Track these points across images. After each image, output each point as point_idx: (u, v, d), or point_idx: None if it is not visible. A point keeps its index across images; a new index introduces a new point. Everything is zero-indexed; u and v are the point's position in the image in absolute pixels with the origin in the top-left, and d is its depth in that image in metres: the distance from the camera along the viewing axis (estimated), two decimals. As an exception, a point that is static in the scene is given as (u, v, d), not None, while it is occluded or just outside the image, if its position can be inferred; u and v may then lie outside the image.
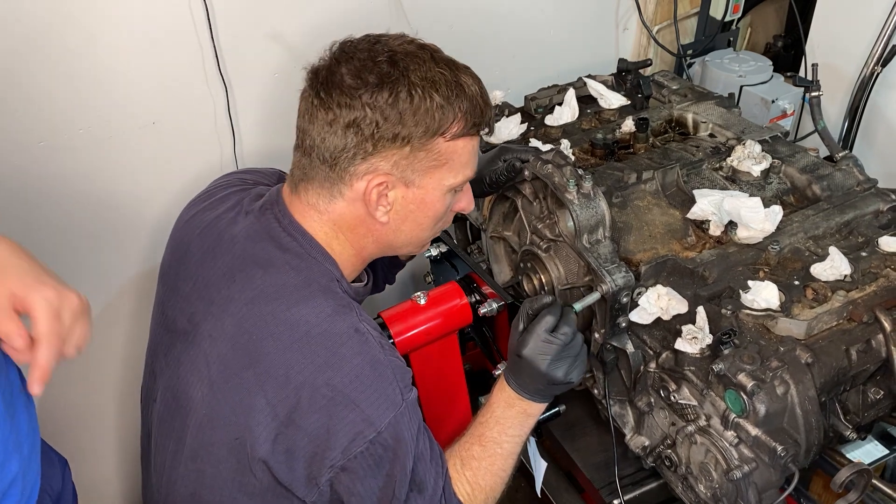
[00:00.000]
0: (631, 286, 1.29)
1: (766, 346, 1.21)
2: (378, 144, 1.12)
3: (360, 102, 1.11)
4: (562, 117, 1.76)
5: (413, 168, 1.16)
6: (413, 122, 1.11)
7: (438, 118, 1.13)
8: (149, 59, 1.60)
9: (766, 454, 1.16)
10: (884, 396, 1.29)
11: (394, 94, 1.10)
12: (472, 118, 1.17)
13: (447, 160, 1.17)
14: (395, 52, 1.14)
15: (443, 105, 1.13)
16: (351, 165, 1.14)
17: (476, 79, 1.19)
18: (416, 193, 1.19)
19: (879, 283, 1.29)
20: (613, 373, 1.40)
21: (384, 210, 1.19)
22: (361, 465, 1.11)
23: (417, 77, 1.12)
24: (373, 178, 1.15)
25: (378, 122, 1.11)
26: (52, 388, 1.82)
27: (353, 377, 1.11)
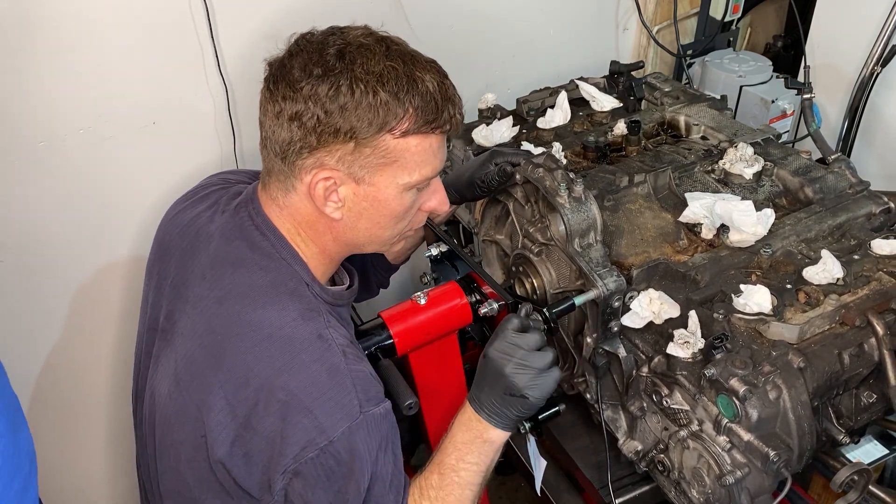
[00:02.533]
0: (623, 290, 1.28)
1: (759, 351, 1.20)
2: (321, 139, 1.10)
3: (302, 95, 1.08)
4: (554, 120, 1.76)
5: (360, 164, 1.12)
6: (355, 116, 1.08)
7: (383, 114, 1.09)
8: (149, 59, 1.60)
9: (758, 459, 1.16)
10: (876, 400, 1.29)
11: (335, 87, 1.07)
12: (425, 115, 1.12)
13: (397, 158, 1.13)
14: (347, 44, 1.11)
15: (388, 101, 1.09)
16: (298, 159, 1.12)
17: (438, 74, 1.16)
18: (368, 191, 1.15)
19: (872, 287, 1.28)
20: (606, 377, 1.39)
21: (335, 206, 1.16)
22: (312, 472, 1.08)
23: (363, 70, 1.08)
24: (318, 172, 1.12)
25: (319, 116, 1.08)
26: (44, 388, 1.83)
27: (309, 383, 1.09)
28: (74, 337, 1.83)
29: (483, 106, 1.82)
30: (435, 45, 1.91)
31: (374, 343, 1.34)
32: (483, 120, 1.79)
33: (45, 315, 1.77)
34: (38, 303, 1.74)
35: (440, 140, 1.17)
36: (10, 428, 0.92)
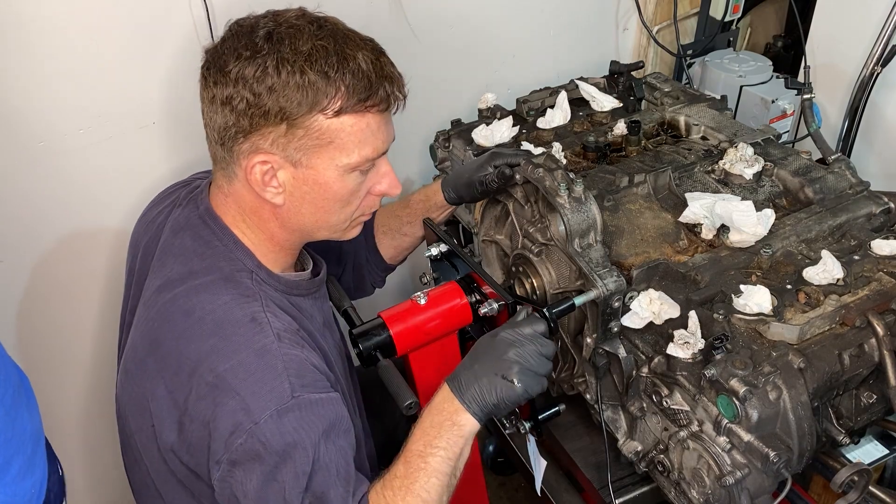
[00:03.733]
0: (622, 290, 1.28)
1: (759, 351, 1.20)
2: (253, 122, 1.09)
3: (231, 78, 1.08)
4: (553, 120, 1.76)
5: (295, 147, 1.11)
6: (283, 97, 1.07)
7: (312, 94, 1.08)
8: (149, 59, 1.60)
9: (758, 460, 1.16)
10: (877, 400, 1.29)
11: (261, 69, 1.07)
12: (358, 94, 1.10)
13: (332, 139, 1.12)
14: (278, 26, 1.10)
15: (317, 80, 1.07)
16: (235, 144, 1.12)
17: (373, 52, 1.14)
18: (307, 174, 1.14)
19: (872, 287, 1.28)
20: (606, 377, 1.39)
21: (275, 191, 1.15)
22: (244, 459, 1.05)
23: (290, 50, 1.08)
24: (254, 156, 1.12)
25: (248, 99, 1.08)
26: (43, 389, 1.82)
27: (237, 364, 1.08)
28: (74, 337, 1.83)
29: (483, 106, 1.81)
30: (435, 45, 1.92)
31: (374, 343, 1.34)
32: (483, 120, 1.79)
33: (45, 315, 1.77)
34: (37, 303, 1.74)
35: (379, 119, 1.15)
36: (6, 409, 0.92)
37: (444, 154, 1.81)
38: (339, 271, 1.65)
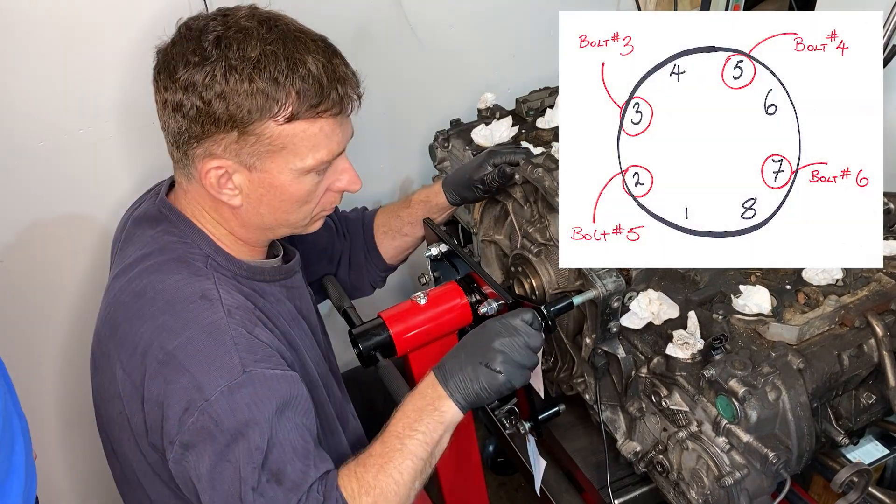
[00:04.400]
0: (622, 291, 1.28)
1: (758, 352, 1.20)
2: (205, 128, 1.09)
3: (180, 85, 1.08)
4: (553, 120, 1.75)
5: (248, 152, 1.11)
6: (233, 105, 1.06)
7: (261, 101, 1.07)
8: (149, 59, 1.58)
9: (757, 460, 1.15)
10: (876, 401, 1.28)
11: (210, 76, 1.06)
12: (309, 99, 1.09)
13: (284, 145, 1.11)
14: (227, 28, 1.09)
15: (266, 87, 1.07)
16: (190, 148, 1.12)
17: (325, 54, 1.13)
18: (262, 177, 1.14)
19: (871, 288, 1.28)
20: (605, 378, 1.39)
21: (231, 193, 1.15)
22: (195, 438, 1.04)
23: (237, 57, 1.06)
24: (208, 161, 1.12)
25: (198, 106, 1.07)
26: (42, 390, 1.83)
27: (186, 340, 1.07)
28: (73, 338, 1.84)
29: (482, 106, 1.81)
30: (435, 45, 1.92)
31: (374, 343, 1.34)
32: (482, 120, 1.79)
33: (44, 315, 1.78)
34: (37, 302, 1.75)
35: (333, 122, 1.14)
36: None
37: (443, 154, 1.80)
38: (334, 269, 1.65)
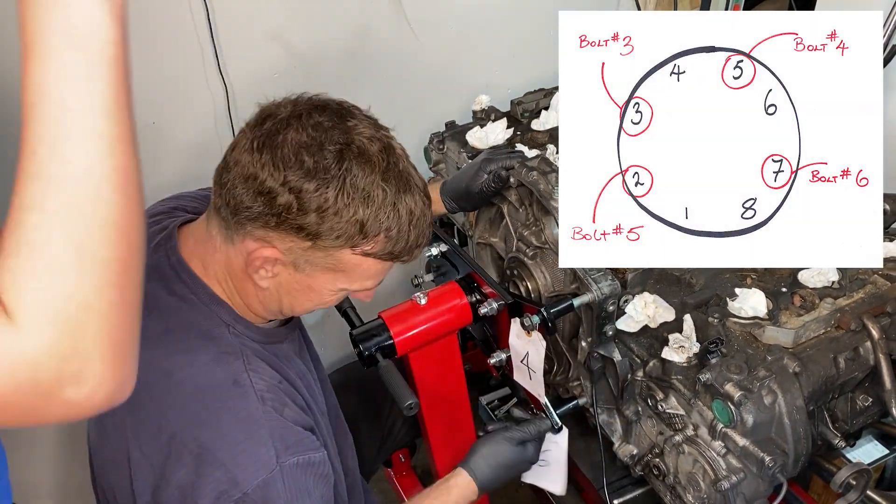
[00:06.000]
0: (617, 294, 1.27)
1: (754, 355, 1.20)
2: (282, 226, 1.04)
3: (284, 179, 1.02)
4: (548, 122, 1.74)
5: (307, 260, 1.08)
6: (327, 225, 1.03)
7: (353, 232, 1.05)
8: (149, 59, 1.60)
9: (753, 464, 1.15)
10: (872, 403, 1.28)
11: (321, 190, 1.02)
12: (391, 247, 1.09)
13: (346, 269, 1.10)
14: (351, 144, 1.05)
15: (364, 221, 1.04)
16: (249, 224, 1.06)
17: (422, 204, 1.11)
18: (304, 280, 1.11)
19: (867, 290, 1.28)
20: (601, 381, 1.39)
21: (265, 275, 1.11)
22: None
23: (355, 183, 1.03)
24: (263, 249, 1.07)
25: (291, 208, 1.02)
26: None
27: (222, 434, 1.06)
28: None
29: (477, 108, 1.81)
30: (435, 45, 1.92)
31: (375, 343, 1.34)
32: (477, 122, 1.78)
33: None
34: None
35: (384, 266, 1.14)
36: None
37: (438, 157, 1.80)
38: None
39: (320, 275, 1.10)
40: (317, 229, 1.04)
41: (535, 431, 1.38)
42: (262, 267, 1.09)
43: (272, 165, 1.02)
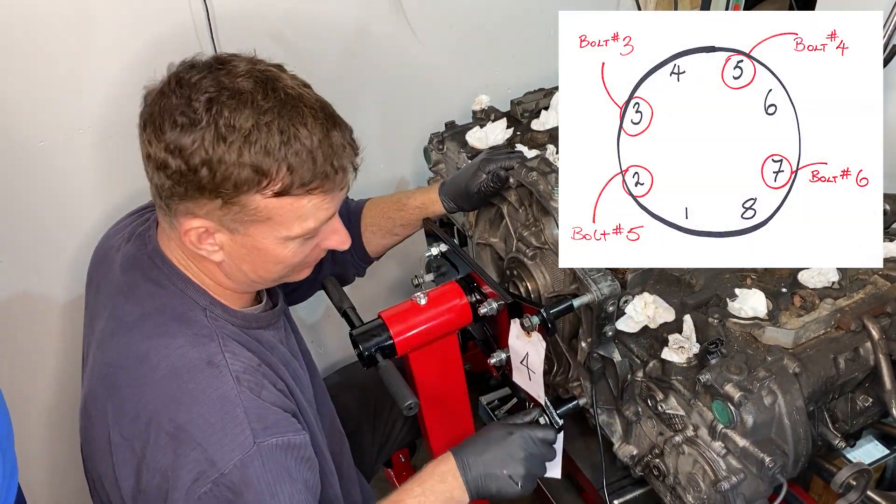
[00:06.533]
0: (617, 295, 1.27)
1: (754, 356, 1.20)
2: (187, 191, 1.03)
3: (165, 144, 1.01)
4: (548, 122, 1.74)
5: (231, 219, 1.06)
6: (220, 175, 1.01)
7: (248, 175, 1.01)
8: (149, 59, 1.59)
9: (753, 465, 1.15)
10: (872, 404, 1.28)
11: (198, 143, 1.00)
12: (300, 177, 1.03)
13: (270, 216, 1.06)
14: (221, 90, 1.02)
15: (255, 161, 1.00)
16: (171, 203, 1.07)
17: (326, 125, 1.06)
18: (245, 240, 1.09)
19: (867, 290, 1.28)
20: (601, 381, 1.39)
21: (212, 249, 1.10)
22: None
23: (228, 125, 1.00)
24: (190, 220, 1.07)
25: (182, 169, 1.01)
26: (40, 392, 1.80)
27: (197, 415, 1.05)
28: (73, 338, 1.82)
29: (477, 108, 1.81)
30: (435, 45, 1.92)
31: (375, 343, 1.33)
32: (477, 122, 1.78)
33: (44, 315, 1.76)
34: (36, 302, 1.73)
35: (323, 196, 1.09)
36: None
37: (438, 157, 1.80)
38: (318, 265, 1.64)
39: (255, 230, 1.08)
40: (214, 183, 1.01)
41: (530, 423, 1.35)
42: (202, 242, 1.10)
43: (155, 137, 1.03)
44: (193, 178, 1.02)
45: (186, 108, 1.01)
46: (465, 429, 1.54)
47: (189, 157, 1.01)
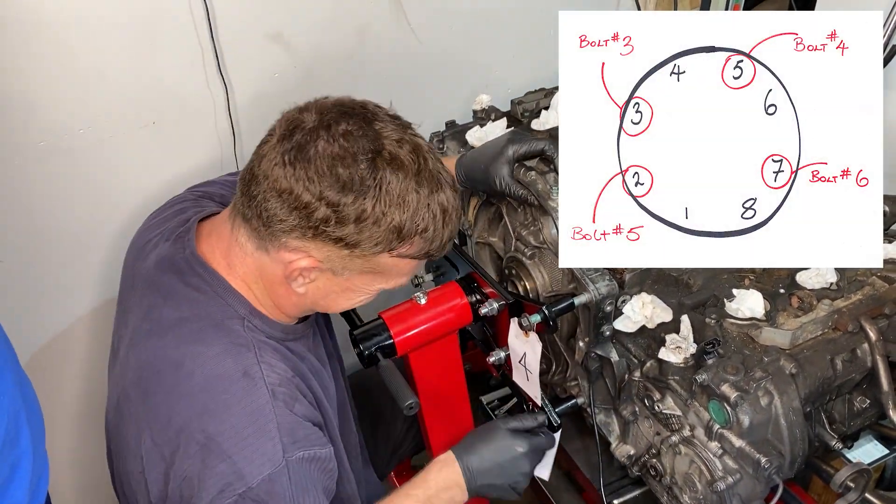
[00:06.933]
0: (614, 295, 1.27)
1: (751, 357, 1.20)
2: (320, 237, 1.05)
3: (320, 194, 1.02)
4: (548, 121, 1.74)
5: (346, 266, 1.09)
6: (366, 234, 1.04)
7: (391, 238, 1.06)
8: (149, 59, 1.59)
9: (749, 466, 1.15)
10: (870, 405, 1.28)
11: (358, 202, 1.02)
12: (427, 247, 1.11)
13: (384, 271, 1.12)
14: (382, 150, 1.04)
15: (402, 227, 1.05)
16: (284, 236, 1.06)
17: (453, 201, 1.11)
18: (342, 283, 1.13)
19: (865, 292, 1.28)
20: (598, 381, 1.39)
21: (302, 283, 1.12)
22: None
23: (390, 190, 1.03)
24: (301, 258, 1.08)
25: (329, 220, 1.03)
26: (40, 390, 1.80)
27: (229, 427, 1.05)
28: (72, 338, 1.82)
29: (477, 107, 1.80)
30: (435, 45, 1.92)
31: (375, 343, 1.33)
32: (477, 121, 1.78)
33: (44, 316, 1.76)
34: (37, 303, 1.73)
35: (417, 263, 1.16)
36: (17, 382, 0.89)
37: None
38: None
39: (358, 278, 1.12)
40: (356, 239, 1.05)
41: (532, 423, 1.37)
42: (301, 276, 1.10)
43: (307, 179, 1.02)
44: (336, 230, 1.04)
45: (352, 164, 1.02)
46: (464, 429, 1.53)
47: (344, 212, 1.03)
